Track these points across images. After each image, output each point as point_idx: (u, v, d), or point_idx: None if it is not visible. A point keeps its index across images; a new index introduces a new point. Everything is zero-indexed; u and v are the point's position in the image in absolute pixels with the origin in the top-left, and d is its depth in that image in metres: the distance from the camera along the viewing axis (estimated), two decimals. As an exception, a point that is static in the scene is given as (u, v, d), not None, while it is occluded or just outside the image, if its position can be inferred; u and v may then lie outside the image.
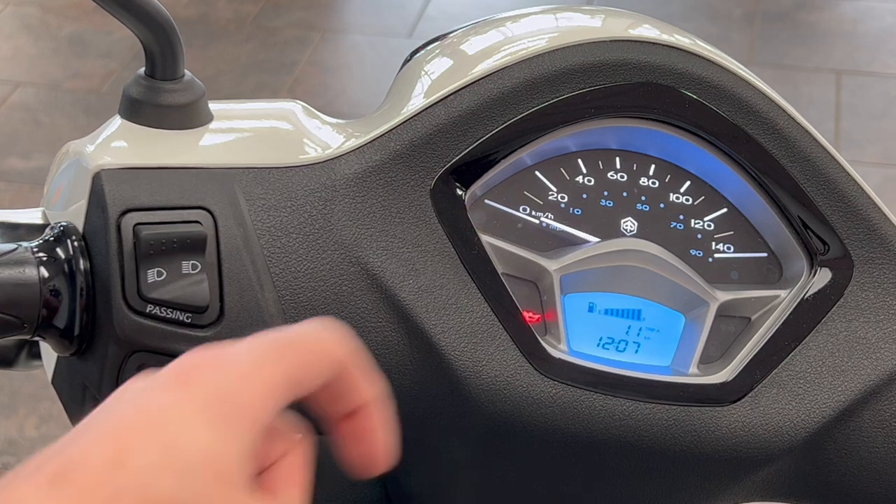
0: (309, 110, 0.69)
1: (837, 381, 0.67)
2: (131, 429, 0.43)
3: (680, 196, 0.69)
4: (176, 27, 0.63)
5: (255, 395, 0.46)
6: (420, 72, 0.70)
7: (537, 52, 0.67)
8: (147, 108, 0.64)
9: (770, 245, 0.70)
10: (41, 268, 0.61)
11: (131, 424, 0.44)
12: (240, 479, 0.44)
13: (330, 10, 3.36)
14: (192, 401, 0.44)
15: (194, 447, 0.43)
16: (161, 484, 0.42)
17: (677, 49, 0.68)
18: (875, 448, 0.68)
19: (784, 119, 0.69)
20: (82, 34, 3.05)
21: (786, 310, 0.68)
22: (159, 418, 0.44)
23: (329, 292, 0.63)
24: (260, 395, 0.46)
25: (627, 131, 0.68)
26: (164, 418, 0.44)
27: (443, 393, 0.65)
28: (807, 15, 3.19)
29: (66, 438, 0.44)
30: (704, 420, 0.66)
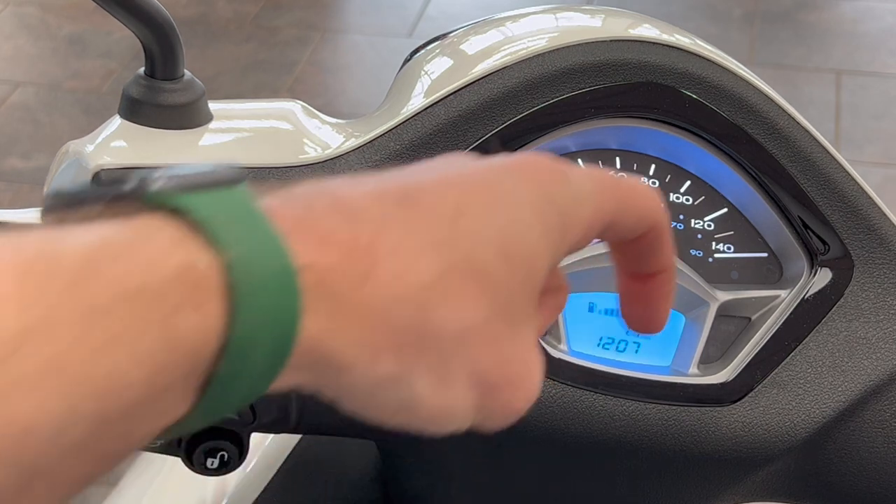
0: (309, 110, 0.69)
1: (838, 381, 0.67)
2: (473, 190, 0.43)
3: (680, 196, 0.69)
4: (175, 27, 0.63)
5: (585, 218, 0.46)
6: (420, 72, 0.70)
7: (537, 52, 0.67)
8: (147, 108, 0.64)
9: (770, 245, 0.69)
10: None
11: (474, 186, 0.44)
12: (539, 287, 0.45)
13: (330, 9, 3.36)
14: (533, 197, 0.45)
15: (523, 239, 0.44)
16: (485, 254, 0.42)
17: (677, 49, 0.68)
18: (875, 448, 0.68)
19: (784, 119, 0.68)
20: (82, 34, 3.05)
21: (786, 310, 0.68)
22: (500, 196, 0.44)
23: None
24: (588, 220, 0.46)
25: (627, 131, 0.68)
26: (505, 198, 0.44)
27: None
28: (807, 15, 3.19)
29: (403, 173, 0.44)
30: (704, 420, 0.66)
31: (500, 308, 0.43)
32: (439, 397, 0.43)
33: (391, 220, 0.41)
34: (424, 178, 0.43)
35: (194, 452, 0.64)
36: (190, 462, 0.65)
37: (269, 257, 0.37)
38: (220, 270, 0.36)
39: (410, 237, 0.41)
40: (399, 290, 0.40)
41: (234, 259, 0.36)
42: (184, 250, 0.36)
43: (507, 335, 0.43)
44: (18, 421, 0.32)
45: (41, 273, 0.33)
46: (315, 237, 0.39)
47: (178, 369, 0.35)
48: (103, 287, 0.34)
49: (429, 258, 0.41)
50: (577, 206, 0.46)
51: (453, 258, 0.42)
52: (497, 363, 0.43)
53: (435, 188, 0.43)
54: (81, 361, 0.33)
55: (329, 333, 0.39)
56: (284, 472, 0.80)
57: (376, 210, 0.41)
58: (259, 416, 0.62)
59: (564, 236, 0.45)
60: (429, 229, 0.41)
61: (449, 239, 0.42)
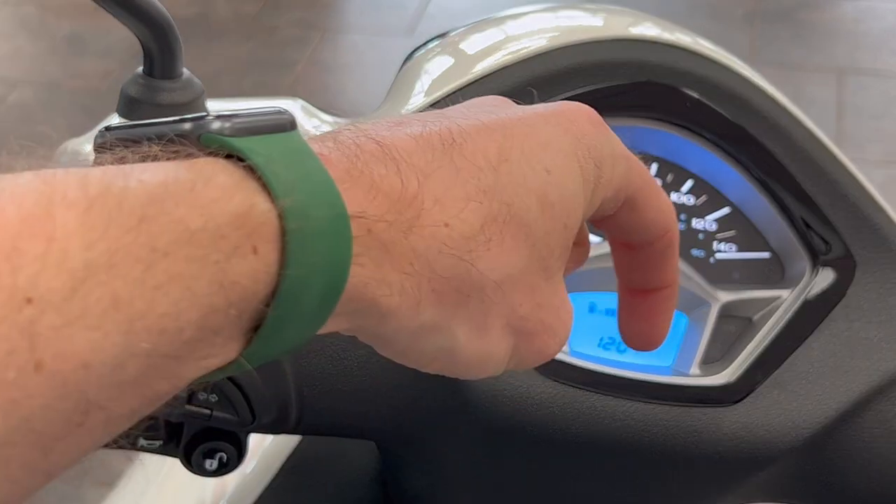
0: (308, 109, 0.69)
1: (839, 381, 0.67)
2: (515, 137, 0.44)
3: (682, 196, 0.69)
4: (175, 26, 0.63)
5: (617, 177, 0.47)
6: (420, 71, 0.70)
7: (538, 52, 0.67)
8: (145, 107, 0.64)
9: (772, 245, 0.69)
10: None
11: (515, 133, 0.44)
12: (573, 237, 0.46)
13: (330, 9, 3.36)
14: (573, 145, 0.45)
15: (563, 188, 0.44)
16: (526, 202, 0.43)
17: (679, 48, 0.68)
18: (877, 448, 0.68)
19: (786, 118, 0.68)
20: (81, 33, 3.05)
21: (788, 310, 0.68)
22: (542, 143, 0.45)
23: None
24: (619, 180, 0.47)
25: (629, 131, 0.68)
26: (547, 146, 0.45)
27: (443, 393, 0.64)
28: (808, 14, 3.19)
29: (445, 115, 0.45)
30: (706, 421, 0.66)
31: (538, 257, 0.44)
32: (477, 344, 0.44)
33: (436, 168, 0.41)
34: (467, 124, 0.44)
35: (193, 454, 0.64)
36: (188, 463, 0.64)
37: (323, 205, 0.37)
38: (276, 216, 0.36)
39: (454, 186, 0.42)
40: (443, 240, 0.41)
41: (290, 206, 0.36)
42: (242, 194, 0.36)
43: (543, 283, 0.44)
44: (80, 354, 0.32)
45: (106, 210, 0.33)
46: (364, 185, 0.39)
47: (229, 311, 0.36)
48: (165, 228, 0.34)
49: (472, 208, 0.42)
50: (612, 162, 0.46)
51: (495, 207, 0.42)
52: (533, 310, 0.44)
53: (478, 134, 0.43)
54: (141, 299, 0.33)
55: (375, 280, 0.39)
56: (284, 473, 0.80)
57: (421, 156, 0.41)
58: (258, 417, 0.62)
59: (597, 189, 0.46)
60: (472, 177, 0.42)
61: (491, 187, 0.42)
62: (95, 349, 0.33)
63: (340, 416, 0.63)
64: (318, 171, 0.38)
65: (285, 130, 0.39)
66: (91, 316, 0.32)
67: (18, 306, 0.31)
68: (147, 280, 0.33)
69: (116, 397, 0.34)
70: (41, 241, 0.32)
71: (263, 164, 0.37)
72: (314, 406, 0.62)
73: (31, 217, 0.32)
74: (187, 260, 0.34)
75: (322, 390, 0.62)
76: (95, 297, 0.32)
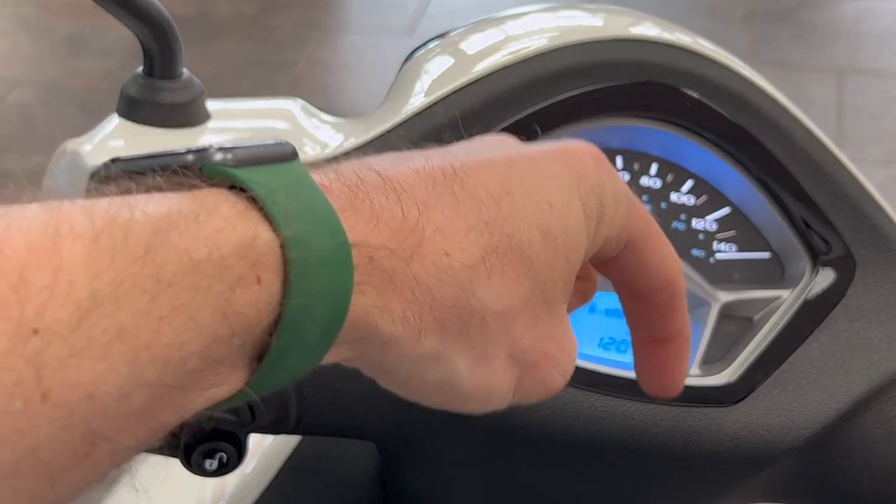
0: (308, 109, 0.69)
1: (840, 381, 0.67)
2: (518, 172, 0.45)
3: (682, 196, 0.69)
4: (174, 26, 0.62)
5: (620, 216, 0.47)
6: (420, 71, 0.70)
7: (538, 51, 0.67)
8: (145, 106, 0.64)
9: (772, 245, 0.69)
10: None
11: (519, 168, 0.45)
12: (576, 270, 0.46)
13: (330, 9, 3.36)
14: (576, 182, 0.46)
15: (565, 221, 0.45)
16: (528, 235, 0.44)
17: (679, 48, 0.68)
18: (878, 448, 0.68)
19: (786, 118, 0.68)
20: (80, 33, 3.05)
21: (788, 310, 0.68)
22: (545, 178, 0.45)
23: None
24: (622, 220, 0.47)
25: (629, 131, 0.68)
26: (550, 181, 0.45)
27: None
28: (808, 14, 3.19)
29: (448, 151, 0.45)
30: (706, 421, 0.66)
31: (540, 289, 0.44)
32: (479, 375, 0.44)
33: (437, 199, 0.42)
34: (470, 159, 0.44)
35: (193, 454, 0.64)
36: (188, 463, 0.64)
37: (324, 234, 0.38)
38: (279, 246, 0.37)
39: (456, 216, 0.42)
40: (444, 270, 0.41)
41: (293, 236, 0.37)
42: (245, 225, 0.36)
43: (546, 315, 0.45)
44: (85, 385, 0.32)
45: (112, 241, 0.34)
46: (366, 214, 0.40)
47: (233, 341, 0.36)
48: (170, 258, 0.34)
49: (473, 238, 0.42)
50: (615, 201, 0.47)
51: (497, 238, 0.43)
52: (535, 342, 0.45)
53: (480, 168, 0.44)
54: (146, 330, 0.34)
55: (377, 308, 0.40)
56: (284, 473, 0.80)
57: (422, 188, 0.42)
58: (258, 417, 0.62)
59: (600, 227, 0.46)
60: (474, 209, 0.42)
61: (493, 219, 0.43)
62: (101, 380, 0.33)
63: (340, 416, 0.63)
64: (319, 200, 0.38)
65: (287, 160, 0.39)
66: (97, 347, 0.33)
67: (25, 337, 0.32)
68: (152, 310, 0.34)
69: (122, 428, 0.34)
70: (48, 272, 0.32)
71: (265, 195, 0.37)
72: (314, 406, 0.62)
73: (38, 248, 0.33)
74: (191, 290, 0.35)
75: (322, 390, 0.62)
76: (101, 328, 0.33)
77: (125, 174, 0.39)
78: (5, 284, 0.32)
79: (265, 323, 0.37)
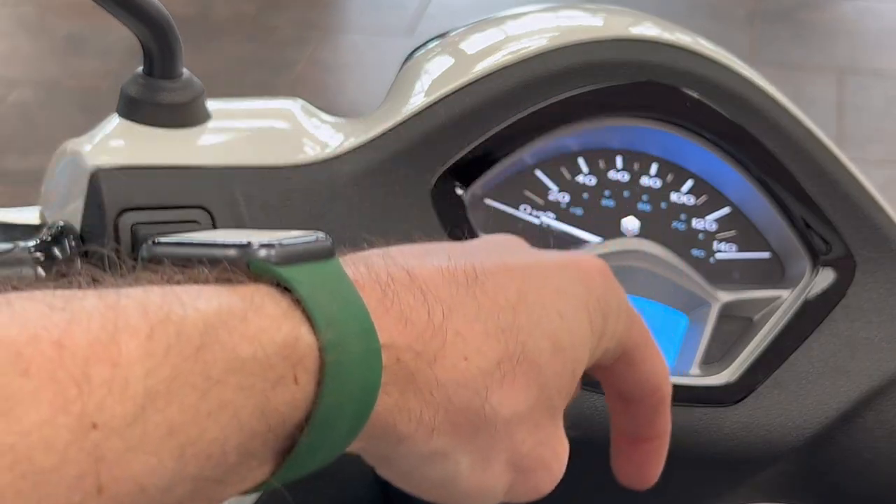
0: (308, 109, 0.69)
1: (840, 381, 0.67)
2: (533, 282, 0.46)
3: (682, 196, 0.69)
4: (174, 25, 0.62)
5: (620, 331, 0.49)
6: (420, 71, 0.70)
7: (538, 51, 0.67)
8: (145, 106, 0.64)
9: (772, 245, 0.69)
10: (38, 268, 0.61)
11: (533, 278, 0.47)
12: (577, 381, 0.48)
13: (330, 9, 3.36)
14: (586, 297, 0.48)
15: (573, 335, 0.46)
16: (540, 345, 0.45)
17: (679, 48, 0.68)
18: (878, 449, 0.68)
19: (786, 118, 0.68)
20: (80, 33, 3.05)
21: (788, 310, 0.68)
22: (557, 290, 0.47)
23: (328, 292, 0.63)
24: (621, 333, 0.49)
25: (629, 131, 0.68)
26: (562, 294, 0.47)
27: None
28: (808, 14, 3.19)
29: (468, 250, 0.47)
30: (706, 421, 0.66)
31: (545, 397, 0.46)
32: (479, 476, 0.45)
33: (459, 302, 0.44)
34: (490, 262, 0.46)
35: None
36: None
37: (360, 339, 0.40)
38: (318, 348, 0.39)
39: (476, 321, 0.44)
40: (462, 373, 0.43)
41: (331, 340, 0.39)
42: (288, 325, 0.38)
43: (547, 422, 0.47)
44: (137, 478, 0.34)
45: (165, 338, 0.35)
46: (395, 315, 0.42)
47: (268, 436, 0.38)
48: (219, 356, 0.36)
49: (490, 344, 0.44)
50: (617, 316, 0.49)
51: (511, 346, 0.44)
52: (534, 447, 0.46)
53: (499, 274, 0.46)
54: (194, 425, 0.35)
55: (397, 409, 0.42)
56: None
57: (446, 289, 0.44)
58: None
59: (601, 340, 0.48)
60: (493, 314, 0.44)
61: (509, 327, 0.45)
62: (151, 474, 0.34)
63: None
64: (355, 302, 0.40)
65: (326, 257, 0.41)
66: (150, 441, 0.34)
67: (86, 431, 0.33)
68: (200, 407, 0.35)
69: None
70: (107, 367, 0.34)
71: (307, 296, 0.39)
72: None
73: (98, 343, 0.34)
74: (237, 388, 0.36)
75: None
76: (154, 424, 0.34)
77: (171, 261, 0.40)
78: (68, 379, 0.33)
79: (297, 419, 0.38)
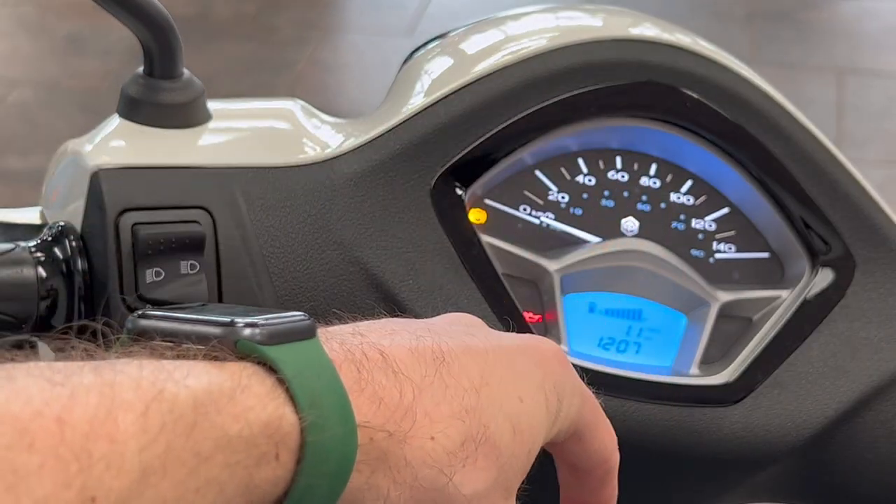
0: (308, 109, 0.69)
1: (839, 381, 0.67)
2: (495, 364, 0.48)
3: (681, 196, 0.69)
4: (174, 26, 0.63)
5: (573, 413, 0.51)
6: (420, 71, 0.70)
7: (538, 52, 0.67)
8: (145, 106, 0.64)
9: (772, 245, 0.69)
10: (39, 268, 0.61)
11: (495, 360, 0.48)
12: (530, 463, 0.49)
13: (330, 9, 3.35)
14: (543, 380, 0.49)
15: (531, 417, 0.48)
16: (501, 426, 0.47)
17: (678, 48, 0.68)
18: (877, 449, 0.68)
19: (786, 118, 0.68)
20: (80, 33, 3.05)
21: (787, 310, 0.68)
22: (517, 374, 0.48)
23: (328, 292, 0.63)
24: (575, 415, 0.51)
25: (628, 131, 0.68)
26: (521, 378, 0.48)
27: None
28: (808, 14, 3.19)
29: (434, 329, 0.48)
30: (706, 421, 0.66)
31: (504, 478, 0.47)
32: None
33: (428, 383, 0.45)
34: (454, 343, 0.48)
35: None
36: None
37: (339, 420, 0.41)
38: (300, 429, 0.40)
39: (443, 401, 0.45)
40: (429, 453, 0.44)
41: (313, 421, 0.41)
42: (273, 404, 0.40)
43: (503, 501, 0.48)
44: None
45: (159, 415, 0.37)
46: (369, 395, 0.43)
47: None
48: (208, 434, 0.38)
49: (455, 425, 0.45)
50: (571, 398, 0.50)
51: (474, 428, 0.46)
52: None
53: (464, 355, 0.47)
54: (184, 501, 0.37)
55: (367, 486, 0.43)
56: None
57: (416, 370, 0.45)
58: None
59: (556, 421, 0.50)
60: (458, 396, 0.46)
61: (473, 408, 0.46)
62: None
63: None
64: (335, 383, 0.42)
65: (308, 336, 0.43)
66: None
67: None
68: (190, 483, 0.37)
69: None
70: (105, 443, 0.35)
71: (292, 377, 0.41)
72: None
73: (96, 419, 0.36)
74: (224, 465, 0.38)
75: None
76: (147, 498, 0.36)
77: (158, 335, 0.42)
78: (70, 454, 0.34)
79: (277, 495, 0.40)
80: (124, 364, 0.39)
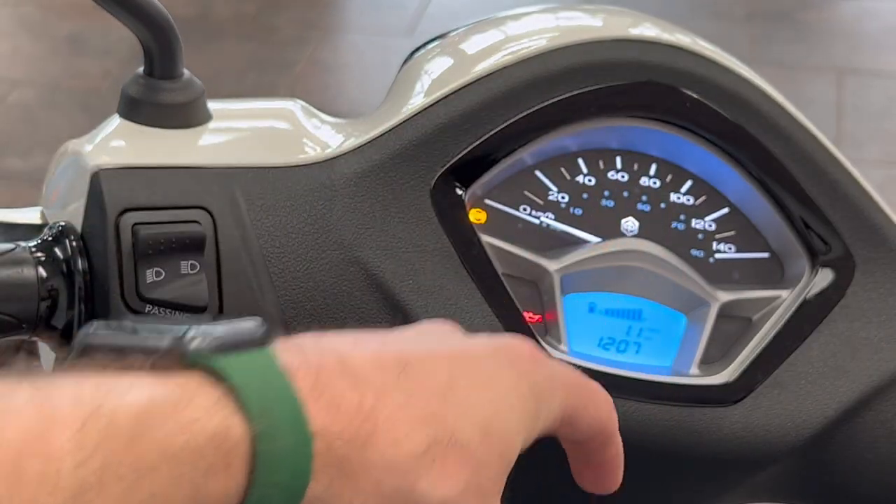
0: (308, 109, 0.69)
1: (839, 381, 0.67)
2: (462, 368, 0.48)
3: (681, 196, 0.69)
4: (175, 26, 0.63)
5: (555, 408, 0.50)
6: (420, 71, 0.70)
7: (538, 52, 0.67)
8: (146, 107, 0.64)
9: (771, 245, 0.69)
10: (39, 268, 0.61)
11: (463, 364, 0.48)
12: (510, 466, 0.48)
13: (330, 8, 3.36)
14: (516, 381, 0.48)
15: (503, 420, 0.47)
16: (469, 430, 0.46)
17: (678, 48, 0.68)
18: (877, 449, 0.68)
19: (785, 118, 0.68)
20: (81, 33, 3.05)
21: (787, 310, 0.68)
22: (487, 377, 0.48)
23: (328, 292, 0.63)
24: (557, 410, 0.50)
25: (628, 131, 0.68)
26: (491, 380, 0.48)
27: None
28: (808, 14, 3.19)
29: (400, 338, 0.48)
30: (706, 421, 0.66)
31: (476, 482, 0.46)
32: None
33: (390, 389, 0.45)
34: (419, 349, 0.48)
35: None
36: None
37: (291, 428, 0.41)
38: (249, 438, 0.40)
39: (406, 406, 0.45)
40: (392, 458, 0.44)
41: (263, 430, 0.40)
42: (220, 415, 0.40)
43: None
44: None
45: (97, 429, 0.36)
46: (326, 402, 0.43)
47: None
48: (151, 447, 0.37)
49: (420, 430, 0.44)
50: (551, 395, 0.50)
51: (440, 431, 0.45)
52: None
53: (430, 360, 0.47)
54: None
55: (328, 495, 0.42)
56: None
57: (378, 377, 0.45)
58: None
59: (536, 422, 0.49)
60: (421, 401, 0.45)
61: (438, 412, 0.45)
62: None
63: None
64: (287, 391, 0.41)
65: (260, 345, 0.42)
66: None
67: None
68: (131, 497, 0.36)
69: None
70: (40, 461, 0.35)
71: (240, 387, 0.40)
72: None
73: (31, 436, 0.35)
74: (169, 478, 0.37)
75: None
76: None
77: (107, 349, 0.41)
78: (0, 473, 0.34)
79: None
80: (64, 380, 0.38)
